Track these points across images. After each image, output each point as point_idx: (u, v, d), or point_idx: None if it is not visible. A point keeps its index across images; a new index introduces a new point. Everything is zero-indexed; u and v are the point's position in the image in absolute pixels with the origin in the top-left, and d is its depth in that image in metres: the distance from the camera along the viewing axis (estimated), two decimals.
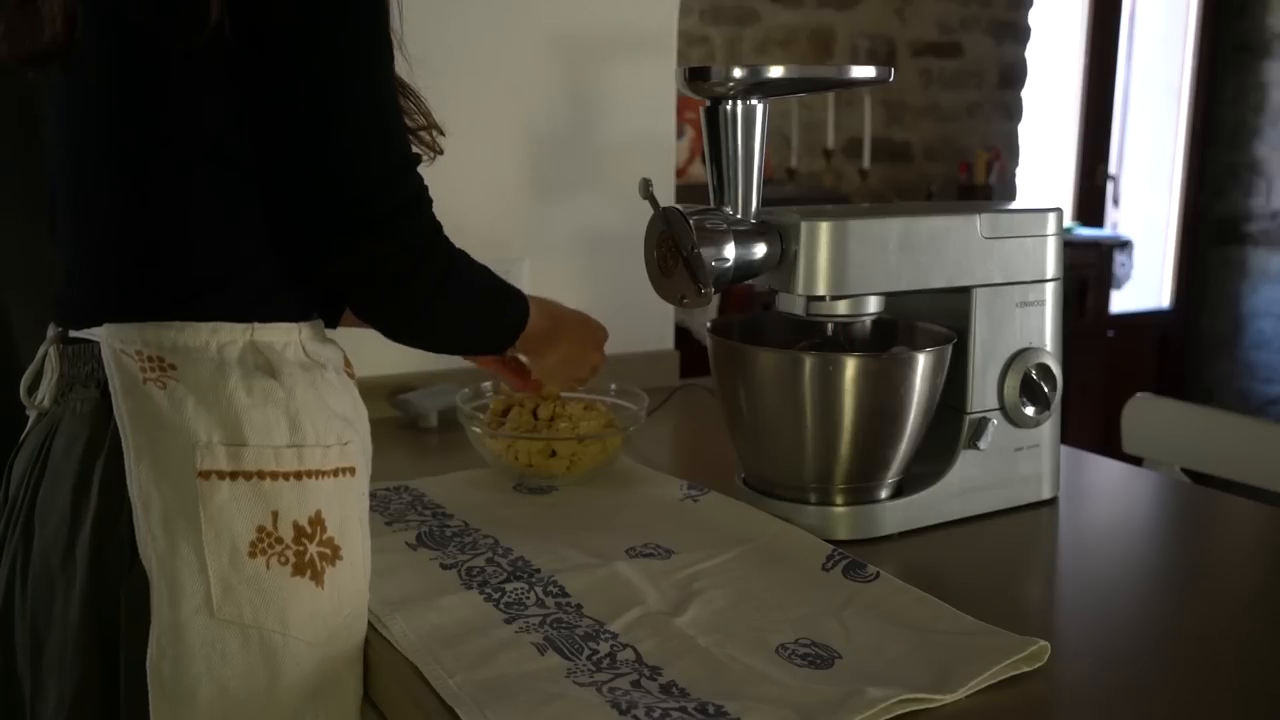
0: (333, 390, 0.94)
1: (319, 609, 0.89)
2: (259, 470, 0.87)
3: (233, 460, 0.86)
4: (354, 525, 0.93)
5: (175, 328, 0.89)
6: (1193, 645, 0.92)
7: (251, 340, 0.90)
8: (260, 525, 0.87)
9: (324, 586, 0.89)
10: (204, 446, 0.86)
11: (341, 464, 0.92)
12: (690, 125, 3.42)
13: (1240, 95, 4.82)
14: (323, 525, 0.89)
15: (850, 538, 1.10)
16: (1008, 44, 4.56)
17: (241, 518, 0.86)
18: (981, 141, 4.50)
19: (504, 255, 1.66)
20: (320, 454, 0.90)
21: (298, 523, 0.88)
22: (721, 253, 1.05)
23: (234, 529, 0.86)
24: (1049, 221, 1.19)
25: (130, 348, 0.88)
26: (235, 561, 0.86)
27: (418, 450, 1.44)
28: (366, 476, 0.96)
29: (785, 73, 1.03)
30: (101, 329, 0.90)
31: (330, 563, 0.90)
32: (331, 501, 0.90)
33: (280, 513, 0.87)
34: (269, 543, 0.87)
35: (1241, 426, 1.63)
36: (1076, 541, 1.17)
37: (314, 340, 0.95)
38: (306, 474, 0.89)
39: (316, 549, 0.89)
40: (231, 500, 0.86)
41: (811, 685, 0.82)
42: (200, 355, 0.89)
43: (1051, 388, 1.18)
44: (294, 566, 0.87)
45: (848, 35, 4.18)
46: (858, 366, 1.08)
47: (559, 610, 0.94)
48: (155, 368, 0.88)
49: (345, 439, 0.93)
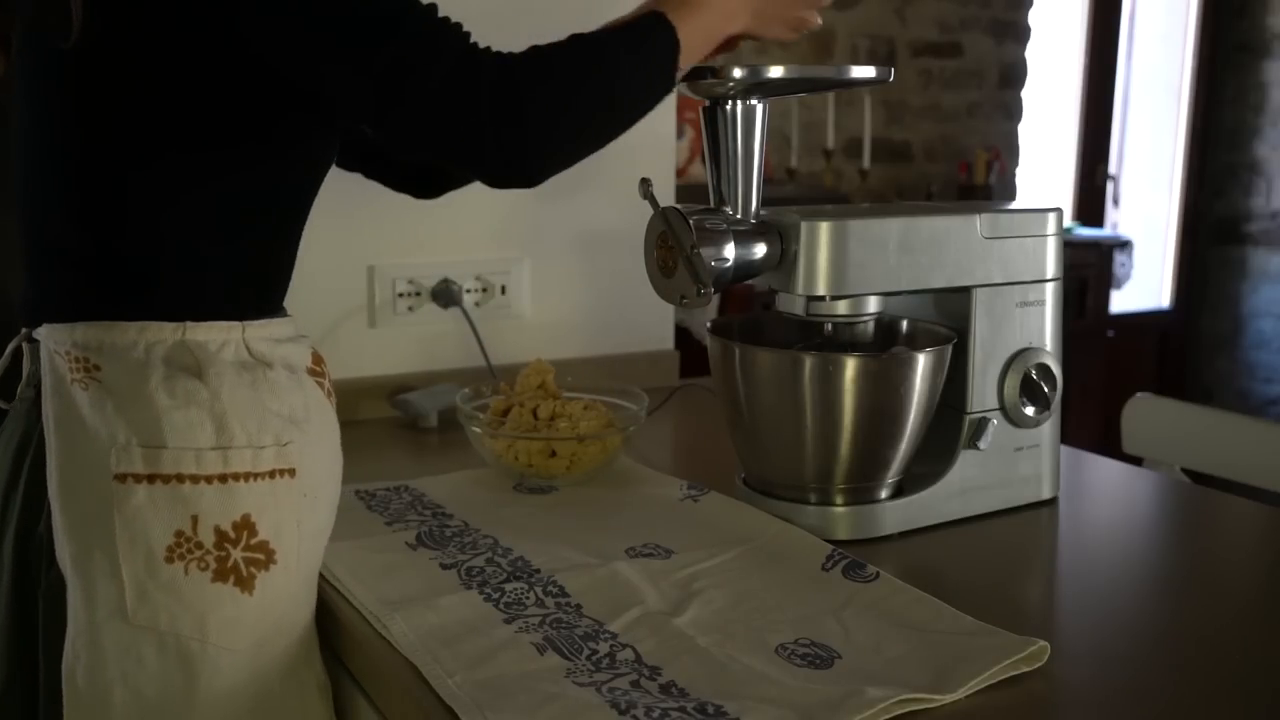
0: (275, 390, 0.91)
1: (243, 615, 0.87)
2: (178, 473, 0.85)
3: (149, 463, 0.85)
4: (292, 528, 0.90)
5: (103, 327, 0.88)
6: (1193, 645, 0.92)
7: (182, 339, 0.89)
8: (178, 530, 0.85)
9: (252, 592, 0.87)
10: (120, 448, 0.84)
11: (279, 465, 0.89)
12: (690, 125, 3.42)
13: (1240, 95, 4.82)
14: (251, 529, 0.87)
15: (850, 538, 1.10)
16: (1008, 44, 4.56)
17: (158, 522, 0.84)
18: (981, 141, 4.50)
19: (504, 255, 1.66)
20: (250, 455, 0.88)
21: (220, 527, 0.86)
22: (721, 252, 1.05)
23: (150, 533, 0.84)
24: (1049, 221, 1.19)
25: (61, 348, 0.88)
26: (151, 566, 0.84)
27: (418, 450, 1.44)
28: (327, 477, 0.94)
29: (785, 73, 1.03)
30: (42, 329, 0.90)
31: (263, 568, 0.88)
32: (264, 504, 0.88)
33: (200, 517, 0.85)
34: (188, 548, 0.85)
35: (1241, 426, 1.63)
36: (1076, 541, 1.17)
37: (264, 338, 0.93)
38: (233, 476, 0.87)
39: (242, 554, 0.87)
40: (148, 504, 0.84)
41: (811, 685, 0.82)
42: (125, 355, 0.87)
43: (1051, 388, 1.18)
44: (215, 572, 0.86)
45: (848, 35, 4.18)
46: (858, 366, 1.08)
47: (559, 610, 0.94)
48: (81, 368, 0.87)
49: (285, 439, 0.90)
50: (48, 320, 0.90)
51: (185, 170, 0.89)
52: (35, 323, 0.92)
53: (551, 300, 1.71)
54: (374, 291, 1.58)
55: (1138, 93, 4.95)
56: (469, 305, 1.62)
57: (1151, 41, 4.95)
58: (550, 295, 1.71)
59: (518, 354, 1.64)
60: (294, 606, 0.91)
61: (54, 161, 0.90)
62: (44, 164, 0.91)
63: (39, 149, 0.91)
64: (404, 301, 1.60)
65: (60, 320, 0.89)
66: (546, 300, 1.70)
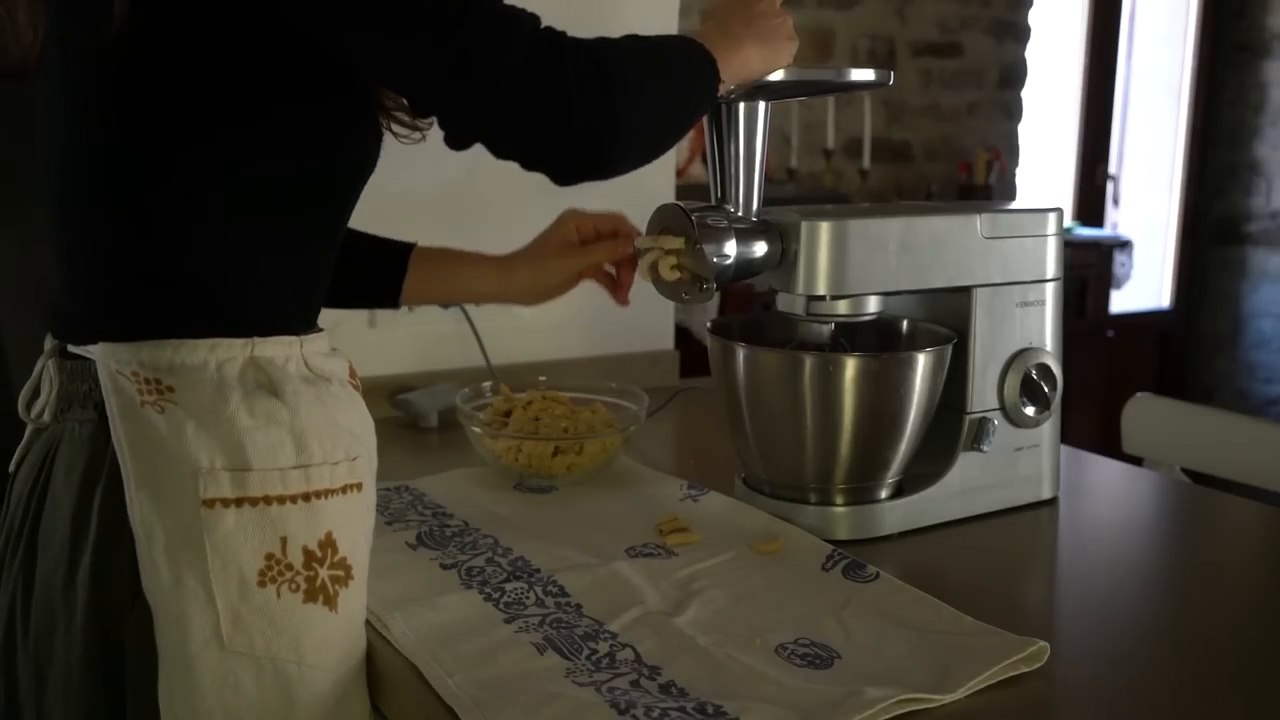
0: (339, 404, 0.90)
1: (332, 633, 0.86)
2: (265, 495, 0.84)
3: (237, 486, 0.83)
4: (362, 542, 0.90)
5: (172, 346, 0.85)
6: (1193, 645, 0.92)
7: (252, 356, 0.87)
8: (269, 553, 0.84)
9: (338, 610, 0.86)
10: (206, 473, 0.83)
11: (350, 480, 0.89)
12: None
13: (1240, 95, 4.82)
14: (334, 547, 0.87)
15: (850, 538, 1.10)
16: (1008, 44, 4.57)
17: (249, 546, 0.83)
18: (981, 141, 4.50)
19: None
20: (328, 472, 0.87)
21: (307, 547, 0.85)
22: (722, 249, 1.05)
23: (241, 558, 0.83)
24: (1049, 221, 1.19)
25: (126, 368, 0.85)
26: (244, 591, 0.83)
27: (418, 450, 1.44)
28: (373, 491, 0.93)
29: (786, 75, 1.03)
30: (97, 347, 0.87)
31: (344, 584, 0.87)
32: (341, 521, 0.88)
33: (289, 538, 0.84)
34: (278, 570, 0.84)
35: (1241, 426, 1.63)
36: (1076, 541, 1.17)
37: (317, 353, 0.92)
38: (315, 494, 0.86)
39: (328, 572, 0.86)
40: (238, 528, 0.83)
41: (811, 685, 0.82)
42: (199, 375, 0.85)
43: (1051, 388, 1.18)
44: (305, 593, 0.85)
45: (848, 35, 4.18)
46: (858, 366, 1.08)
47: (559, 610, 0.94)
48: (153, 390, 0.85)
49: (354, 454, 0.89)
50: (103, 338, 0.86)
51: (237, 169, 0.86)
52: (80, 339, 0.88)
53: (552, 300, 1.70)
54: None
55: (1138, 93, 4.95)
56: (469, 305, 1.62)
57: (1151, 41, 4.95)
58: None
59: (518, 354, 1.64)
60: (362, 620, 0.91)
61: (106, 180, 0.86)
62: (92, 183, 0.87)
63: (80, 155, 0.88)
64: None
65: (120, 338, 0.86)
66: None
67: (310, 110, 0.88)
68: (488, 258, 1.25)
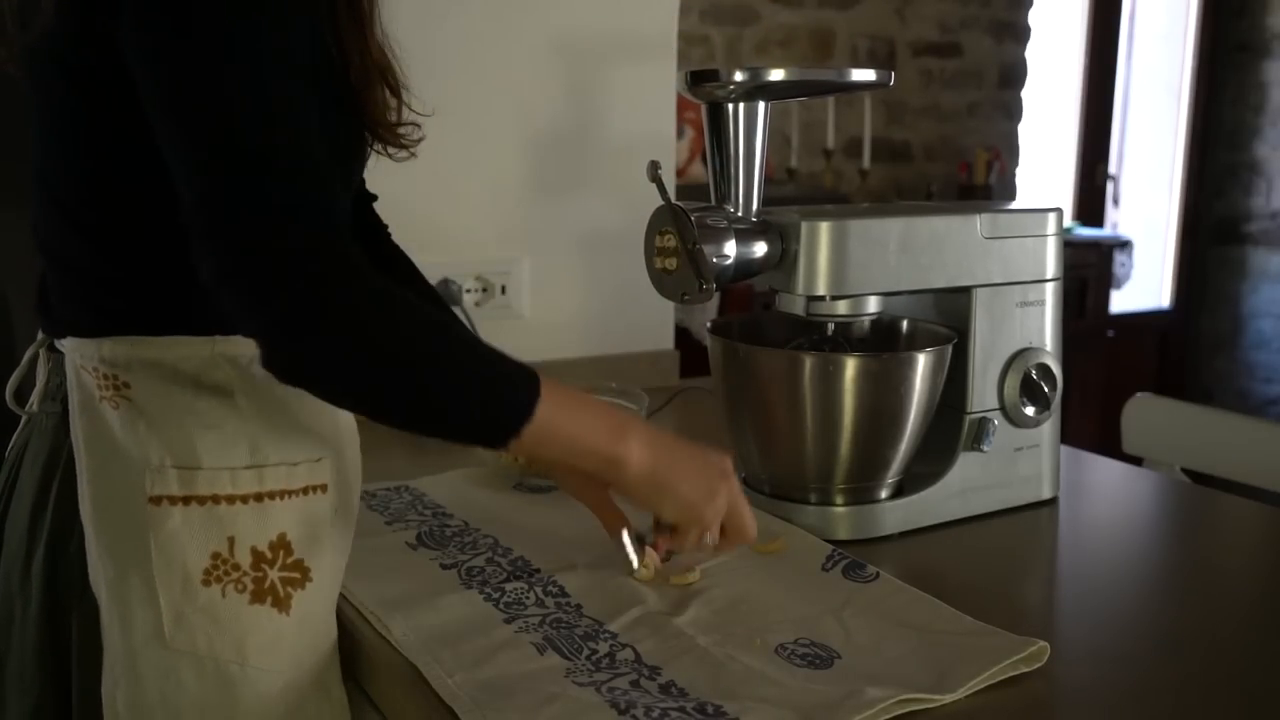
0: (305, 404, 0.88)
1: (282, 635, 0.86)
2: (214, 494, 0.83)
3: (185, 484, 0.83)
4: (326, 544, 0.89)
5: (131, 342, 0.85)
6: (1193, 645, 0.92)
7: (213, 354, 0.85)
8: (215, 552, 0.83)
9: (289, 612, 0.86)
10: (155, 470, 0.83)
11: (311, 481, 0.88)
12: (690, 125, 3.42)
13: (1240, 95, 4.82)
14: (287, 548, 0.86)
15: (850, 538, 1.10)
16: (1008, 44, 4.57)
17: (194, 544, 0.83)
18: (981, 141, 4.50)
19: (504, 255, 1.66)
20: (285, 473, 0.86)
21: (256, 548, 0.85)
22: (722, 250, 1.05)
23: (186, 556, 0.83)
24: (1049, 221, 1.19)
25: (89, 363, 0.85)
26: (188, 590, 0.83)
27: (418, 450, 1.44)
28: (350, 491, 0.93)
29: (786, 76, 1.03)
30: (67, 341, 0.87)
31: (299, 586, 0.86)
32: (299, 522, 0.87)
33: (237, 538, 0.84)
34: (225, 570, 0.83)
35: (1241, 426, 1.63)
36: (1076, 541, 1.17)
37: None
38: (268, 495, 0.85)
39: (279, 574, 0.85)
40: (184, 526, 0.83)
41: (811, 685, 0.82)
42: (155, 371, 0.85)
43: (1051, 388, 1.18)
44: (252, 594, 0.84)
45: (848, 35, 4.18)
46: (858, 366, 1.08)
47: (559, 610, 0.94)
48: (110, 385, 0.84)
49: (317, 455, 0.88)
50: (72, 333, 0.87)
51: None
52: (57, 334, 0.89)
53: (551, 300, 1.71)
54: None
55: (1138, 93, 4.95)
56: (469, 305, 1.62)
57: (1151, 41, 4.95)
58: (550, 295, 1.71)
59: (517, 354, 1.64)
60: (324, 624, 0.90)
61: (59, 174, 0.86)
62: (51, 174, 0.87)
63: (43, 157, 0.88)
64: None
65: (86, 334, 0.86)
66: (546, 300, 1.70)
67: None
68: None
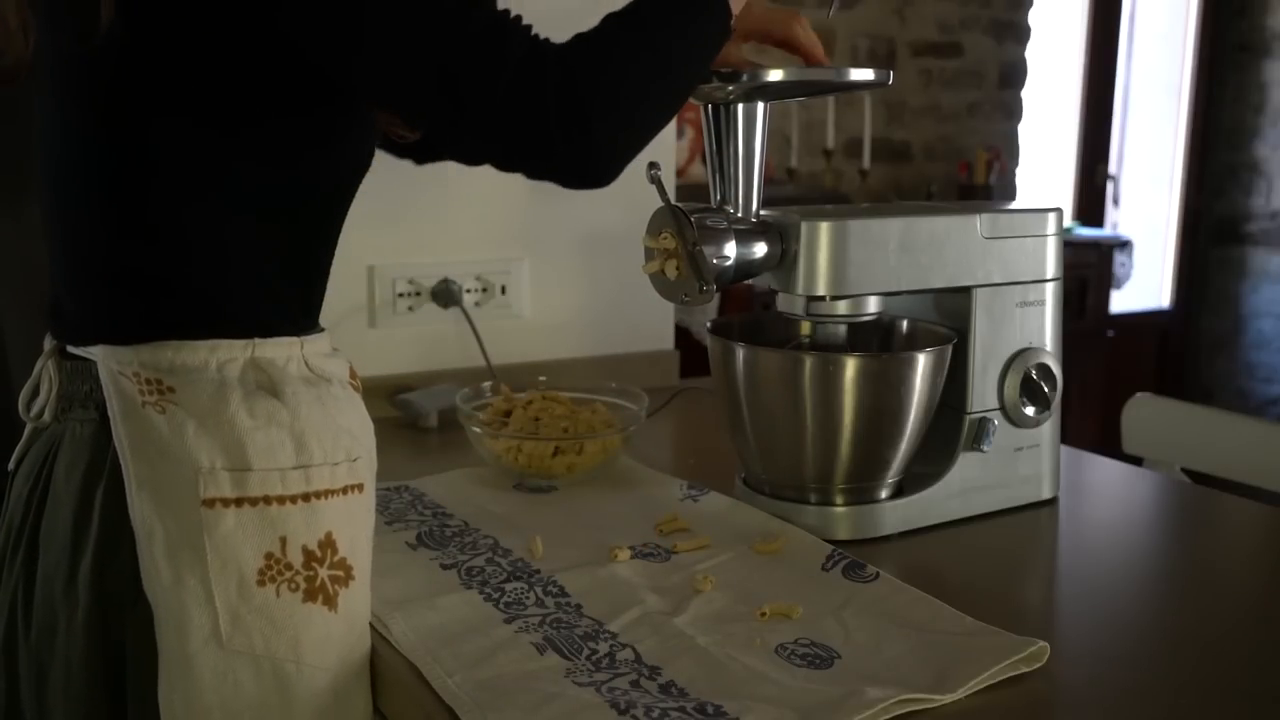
0: (339, 405, 0.91)
1: (332, 633, 0.87)
2: (265, 495, 0.85)
3: (237, 486, 0.84)
4: (363, 543, 0.91)
5: (172, 347, 0.86)
6: (1193, 645, 0.92)
7: (252, 357, 0.88)
8: (268, 552, 0.84)
9: (337, 609, 0.87)
10: (207, 473, 0.83)
11: (350, 481, 0.89)
12: (690, 125, 3.42)
13: (1240, 95, 4.82)
14: (334, 547, 0.87)
15: (850, 538, 1.10)
16: (1008, 44, 4.56)
17: (249, 545, 0.84)
18: (981, 141, 4.50)
19: (504, 255, 1.66)
20: (329, 473, 0.88)
21: (307, 547, 0.86)
22: (722, 250, 1.05)
23: (241, 557, 0.84)
24: (1049, 221, 1.19)
25: (128, 369, 0.86)
26: (243, 591, 0.84)
27: (418, 450, 1.44)
28: (373, 492, 0.94)
29: (786, 76, 1.03)
30: (98, 349, 0.87)
31: (344, 584, 0.88)
32: (341, 521, 0.88)
33: (289, 538, 0.85)
34: (278, 570, 0.85)
35: (1241, 426, 1.63)
36: (1076, 541, 1.17)
37: (318, 354, 0.93)
38: (315, 495, 0.86)
39: (328, 572, 0.87)
40: (237, 528, 0.84)
41: (811, 685, 0.82)
42: (199, 376, 0.86)
43: (1051, 388, 1.18)
44: (305, 592, 0.85)
45: (848, 35, 4.18)
46: (858, 366, 1.08)
47: (558, 610, 0.94)
48: (154, 390, 0.85)
49: (354, 455, 0.90)
50: (104, 340, 0.87)
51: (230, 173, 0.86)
52: (80, 341, 0.89)
53: (551, 300, 1.71)
54: (374, 291, 1.58)
55: (1138, 93, 4.95)
56: (469, 305, 1.62)
57: (1151, 41, 4.95)
58: (550, 295, 1.71)
59: (518, 354, 1.65)
60: (364, 620, 0.91)
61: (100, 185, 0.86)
62: (87, 187, 0.87)
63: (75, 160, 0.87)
64: (404, 301, 1.60)
65: (120, 341, 0.86)
66: (546, 300, 1.70)
67: (303, 119, 0.89)
68: None
